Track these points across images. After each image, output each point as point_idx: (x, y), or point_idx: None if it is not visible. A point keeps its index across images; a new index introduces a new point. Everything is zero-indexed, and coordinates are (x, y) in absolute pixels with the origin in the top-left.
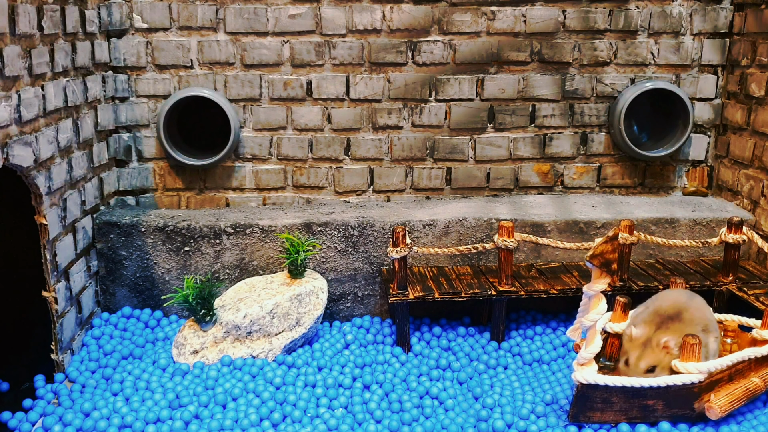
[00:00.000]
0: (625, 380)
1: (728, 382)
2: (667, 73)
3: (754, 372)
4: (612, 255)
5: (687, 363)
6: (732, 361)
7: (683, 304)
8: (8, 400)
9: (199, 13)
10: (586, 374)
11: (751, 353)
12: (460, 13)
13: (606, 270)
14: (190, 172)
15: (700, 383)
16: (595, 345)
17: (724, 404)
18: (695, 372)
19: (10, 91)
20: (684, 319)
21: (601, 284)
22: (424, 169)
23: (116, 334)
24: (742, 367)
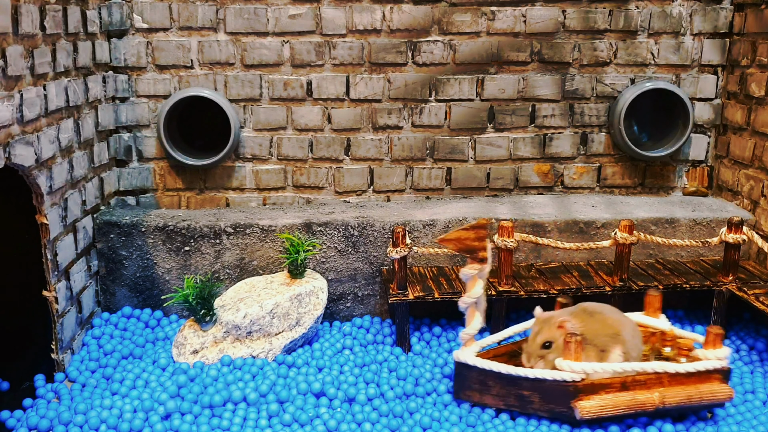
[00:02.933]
0: (498, 366)
1: (620, 390)
2: (667, 73)
3: (664, 388)
4: (476, 243)
5: (563, 360)
6: (620, 370)
7: (608, 311)
8: (8, 399)
9: (200, 13)
10: (462, 354)
11: (648, 367)
12: (460, 13)
13: (471, 256)
14: (190, 172)
15: (575, 383)
16: (474, 325)
17: (591, 408)
18: (567, 370)
19: (12, 90)
20: (597, 318)
21: (471, 269)
22: (424, 169)
23: (116, 333)
24: (646, 379)
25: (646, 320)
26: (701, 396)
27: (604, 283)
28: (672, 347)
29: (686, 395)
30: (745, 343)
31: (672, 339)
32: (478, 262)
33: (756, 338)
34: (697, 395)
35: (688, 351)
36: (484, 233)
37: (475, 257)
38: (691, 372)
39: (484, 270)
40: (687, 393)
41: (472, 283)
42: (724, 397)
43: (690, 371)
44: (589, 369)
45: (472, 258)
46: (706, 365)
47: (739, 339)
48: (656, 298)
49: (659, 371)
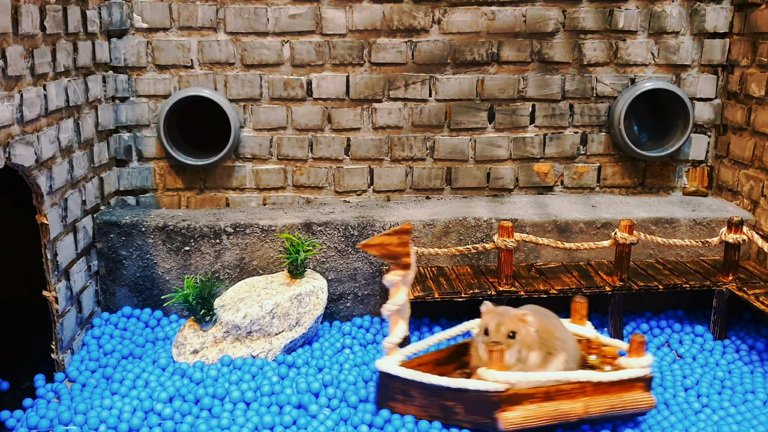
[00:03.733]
0: (421, 376)
1: (544, 399)
2: (667, 73)
3: (588, 397)
4: (399, 248)
5: (486, 370)
6: (544, 380)
7: (557, 320)
8: (8, 399)
9: (200, 13)
10: (384, 363)
11: (572, 376)
12: (460, 12)
13: (394, 262)
14: (190, 172)
15: (498, 393)
16: (397, 333)
17: (514, 419)
18: (491, 379)
19: (12, 90)
20: (550, 321)
21: (395, 276)
22: (424, 168)
23: (116, 333)
24: (570, 388)
25: (572, 327)
26: (624, 405)
27: (604, 283)
28: (597, 355)
29: (610, 404)
30: (745, 343)
31: (597, 347)
32: (402, 268)
33: (756, 338)
34: (620, 404)
35: (613, 359)
36: (407, 238)
37: (398, 263)
38: (614, 381)
39: (408, 276)
40: (610, 402)
41: (395, 289)
42: (646, 406)
43: (614, 380)
44: (512, 378)
45: (396, 264)
46: (629, 374)
47: (739, 339)
48: (582, 305)
49: (583, 380)
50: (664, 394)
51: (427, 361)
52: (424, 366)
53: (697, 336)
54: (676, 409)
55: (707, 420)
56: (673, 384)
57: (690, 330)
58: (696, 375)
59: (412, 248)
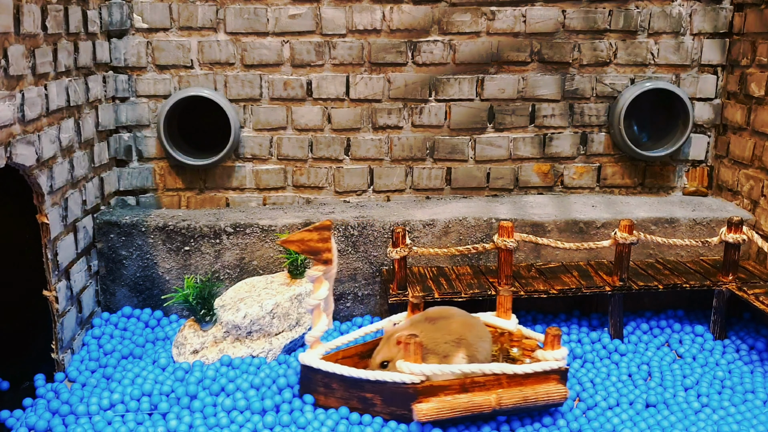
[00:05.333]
0: (341, 368)
1: (459, 391)
2: (667, 73)
3: (503, 389)
4: (320, 244)
5: (402, 362)
6: (459, 372)
7: (451, 315)
8: (8, 399)
9: (200, 13)
10: (307, 357)
11: (486, 368)
12: (460, 13)
13: (315, 258)
14: (190, 172)
15: (414, 385)
16: (319, 327)
17: (428, 410)
18: (407, 372)
19: (14, 90)
20: (440, 325)
21: (315, 271)
22: (424, 169)
23: (116, 333)
24: (485, 380)
25: (494, 321)
26: (537, 397)
27: (604, 283)
28: (519, 348)
29: (523, 396)
30: (745, 343)
31: (519, 339)
32: (323, 263)
33: (756, 338)
34: (533, 396)
35: (532, 351)
36: (327, 234)
37: (319, 259)
38: (529, 373)
39: (330, 271)
40: (524, 394)
41: (317, 284)
42: (559, 398)
43: (528, 372)
44: (428, 371)
45: (316, 260)
46: (543, 366)
47: (739, 339)
48: (507, 298)
49: (498, 372)
50: (664, 394)
51: (352, 354)
52: (349, 359)
53: (697, 336)
54: (676, 409)
55: (707, 420)
56: (673, 384)
57: (690, 330)
58: (696, 375)
59: (333, 244)
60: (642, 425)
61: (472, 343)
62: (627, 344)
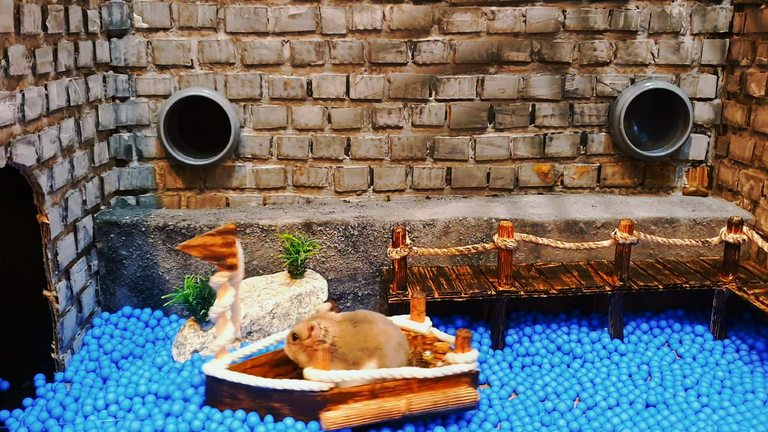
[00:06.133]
0: (248, 378)
1: (369, 397)
2: (667, 73)
3: (413, 394)
4: (224, 249)
5: (311, 370)
6: (368, 377)
7: (375, 321)
8: (8, 398)
9: (200, 13)
10: (212, 367)
11: (396, 373)
12: (460, 12)
13: (219, 263)
14: (190, 172)
15: (323, 392)
16: (225, 336)
17: (336, 418)
18: (315, 379)
19: (14, 90)
20: (360, 330)
21: (220, 277)
22: (424, 169)
23: (116, 333)
24: (395, 385)
25: (407, 324)
26: (447, 401)
27: (604, 282)
28: (431, 351)
29: (433, 401)
30: (745, 343)
31: (431, 342)
32: (227, 269)
33: (756, 338)
34: (443, 400)
35: (443, 354)
36: (232, 239)
37: (223, 264)
38: (439, 377)
39: (236, 277)
40: (434, 398)
41: (222, 291)
42: (469, 401)
43: (438, 376)
44: (336, 377)
45: (221, 265)
46: (453, 369)
47: (739, 339)
48: (420, 301)
49: (408, 377)
50: (664, 394)
51: (262, 363)
52: (259, 368)
53: (697, 336)
54: (676, 409)
55: (707, 420)
56: (673, 384)
57: (690, 330)
58: (696, 375)
59: (238, 248)
60: (642, 425)
61: (387, 354)
62: (627, 344)
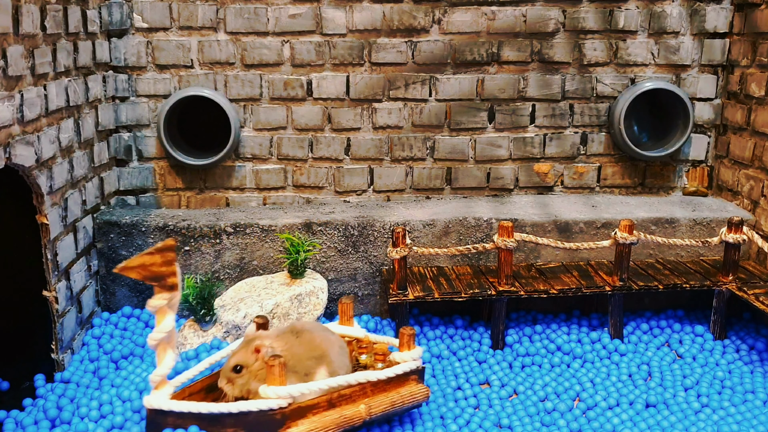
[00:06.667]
0: (197, 406)
1: (327, 408)
2: (667, 73)
3: (369, 398)
4: (163, 268)
5: (267, 387)
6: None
7: (314, 329)
8: (8, 399)
9: (200, 12)
10: (154, 399)
11: (352, 379)
12: (460, 12)
13: (158, 284)
14: (190, 172)
15: (282, 409)
16: (166, 364)
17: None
18: (273, 396)
19: (13, 90)
20: (304, 339)
21: (159, 300)
22: (425, 168)
23: (116, 333)
24: (351, 392)
25: (341, 329)
26: (403, 400)
27: (604, 282)
28: (368, 354)
29: (390, 402)
30: (745, 343)
31: (368, 345)
32: (167, 290)
33: (756, 338)
34: (399, 400)
35: (384, 356)
36: (172, 256)
37: (163, 285)
38: (391, 377)
39: (174, 299)
40: (390, 399)
41: (160, 315)
42: (422, 397)
43: (390, 376)
44: (294, 391)
45: (160, 286)
46: (403, 368)
47: (739, 339)
48: (348, 305)
49: (363, 381)
50: (664, 394)
51: (199, 389)
52: (196, 395)
53: (697, 336)
54: (676, 409)
55: (707, 420)
56: (673, 384)
57: (690, 330)
58: (696, 375)
59: (177, 267)
60: (642, 425)
61: (333, 360)
62: (627, 344)
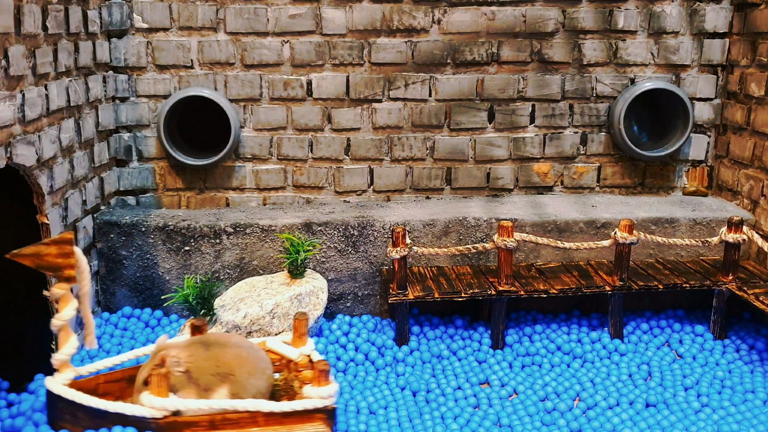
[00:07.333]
0: (81, 397)
1: (208, 429)
2: (666, 73)
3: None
4: (59, 260)
5: (146, 395)
6: (206, 407)
7: (228, 344)
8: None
9: (200, 13)
10: (51, 382)
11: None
12: (460, 12)
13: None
14: (190, 172)
15: (156, 420)
16: (67, 349)
17: None
18: (147, 405)
19: (14, 90)
20: (212, 354)
21: (59, 290)
22: (424, 168)
23: (117, 333)
24: (238, 418)
25: (279, 347)
26: None
27: (604, 282)
28: (299, 379)
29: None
30: (745, 342)
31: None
32: (65, 281)
33: (756, 338)
34: None
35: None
36: (69, 248)
37: (59, 275)
38: (288, 412)
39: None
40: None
41: (63, 303)
42: None
43: (287, 411)
44: (170, 405)
45: (55, 277)
46: (305, 405)
47: (739, 339)
48: (302, 322)
49: (252, 410)
50: (664, 393)
51: (119, 378)
52: (115, 383)
53: (697, 336)
54: (676, 408)
55: (707, 420)
56: (673, 384)
57: (690, 330)
58: (696, 375)
59: (79, 258)
60: (642, 425)
61: (239, 380)
62: (627, 344)
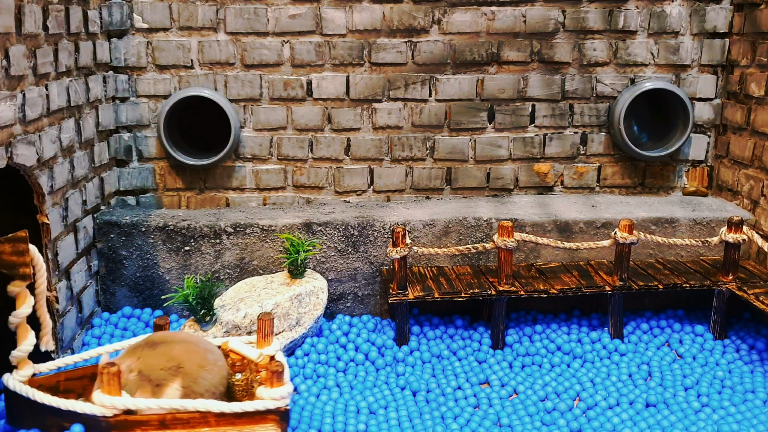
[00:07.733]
0: (34, 394)
1: (158, 428)
2: (666, 73)
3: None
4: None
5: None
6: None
7: (174, 340)
8: None
9: (200, 13)
10: (8, 378)
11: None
12: (460, 12)
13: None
14: (190, 172)
15: (106, 418)
16: (24, 347)
17: None
18: (97, 404)
19: (15, 90)
20: (159, 351)
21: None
22: (424, 168)
23: (117, 333)
24: (189, 418)
25: (239, 347)
26: None
27: (604, 282)
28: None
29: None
30: (745, 342)
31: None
32: (21, 279)
33: (756, 338)
34: None
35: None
36: (24, 246)
37: (15, 273)
38: (239, 413)
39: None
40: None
41: (20, 300)
42: None
43: (238, 412)
44: (120, 404)
45: (12, 275)
46: (256, 405)
47: (739, 339)
48: (266, 322)
49: (203, 410)
50: (664, 393)
51: (80, 375)
52: (77, 380)
53: (697, 336)
54: (676, 408)
55: (707, 420)
56: (673, 384)
57: (690, 330)
58: (696, 375)
59: (35, 257)
60: (642, 425)
61: (190, 372)
62: (627, 344)
